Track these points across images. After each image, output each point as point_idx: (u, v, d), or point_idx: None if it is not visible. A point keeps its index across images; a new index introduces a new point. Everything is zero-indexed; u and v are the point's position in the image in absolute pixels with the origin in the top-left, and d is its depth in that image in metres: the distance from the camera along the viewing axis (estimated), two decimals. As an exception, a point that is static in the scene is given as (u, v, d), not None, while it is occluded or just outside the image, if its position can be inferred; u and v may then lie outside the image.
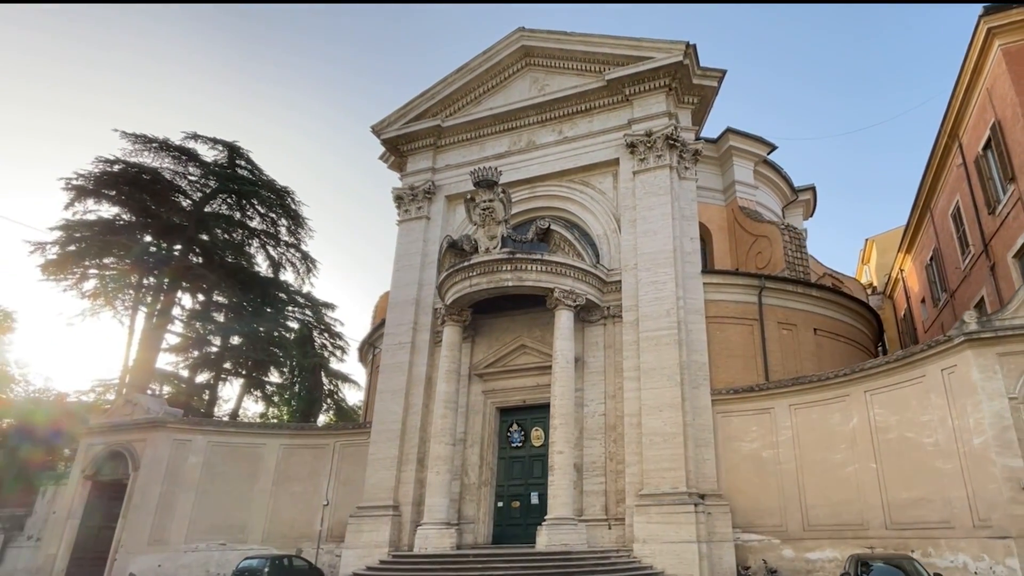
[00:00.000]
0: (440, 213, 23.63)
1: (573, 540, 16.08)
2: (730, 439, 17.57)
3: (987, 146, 17.89)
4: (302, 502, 21.48)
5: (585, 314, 19.66)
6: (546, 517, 16.55)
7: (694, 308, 18.88)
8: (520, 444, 19.63)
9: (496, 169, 19.84)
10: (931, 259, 23.23)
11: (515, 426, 19.81)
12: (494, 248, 19.16)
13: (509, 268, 18.69)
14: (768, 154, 24.06)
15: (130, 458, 21.26)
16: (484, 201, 19.62)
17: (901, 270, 27.55)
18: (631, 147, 20.77)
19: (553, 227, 19.70)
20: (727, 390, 17.96)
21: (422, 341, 21.52)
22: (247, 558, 18.26)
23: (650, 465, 16.80)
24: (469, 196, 20.29)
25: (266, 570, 17.45)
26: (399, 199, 24.26)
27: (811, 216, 27.95)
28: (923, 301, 24.44)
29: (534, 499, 18.64)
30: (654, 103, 21.25)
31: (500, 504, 19.12)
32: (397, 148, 25.12)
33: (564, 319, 18.60)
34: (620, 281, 19.57)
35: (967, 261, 19.83)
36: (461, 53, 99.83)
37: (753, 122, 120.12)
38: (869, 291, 32.12)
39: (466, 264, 19.10)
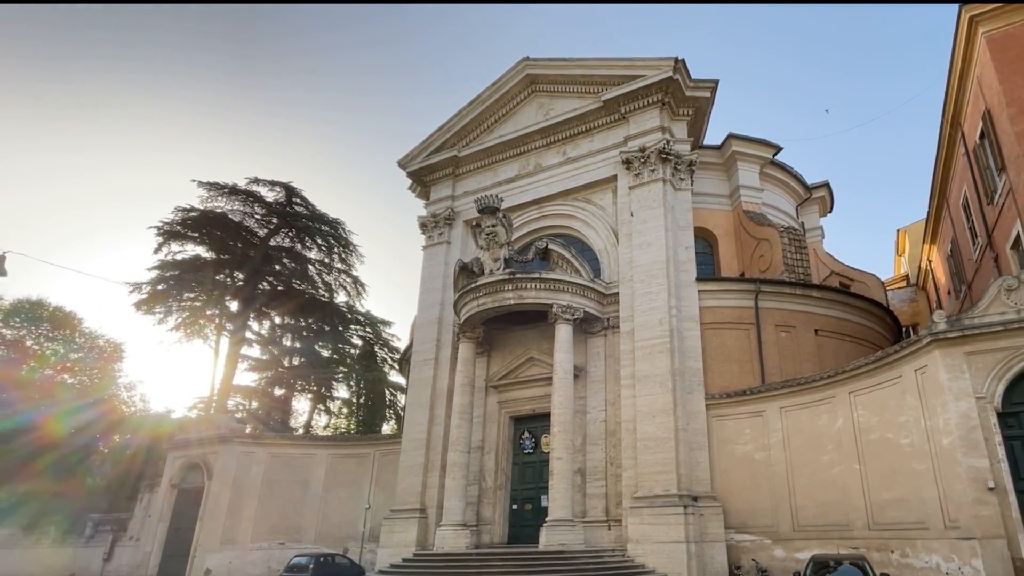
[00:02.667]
0: (459, 237, 25.51)
1: (570, 540, 17.31)
2: (724, 442, 18.14)
3: (982, 135, 17.40)
4: (348, 506, 23.98)
5: (587, 326, 20.80)
6: (546, 519, 17.90)
7: (689, 316, 19.55)
8: (532, 450, 21.05)
9: (497, 196, 21.42)
10: (950, 250, 22.30)
11: (526, 434, 21.27)
12: (497, 269, 20.73)
13: (510, 288, 20.19)
14: (774, 155, 24.00)
15: (205, 469, 24.66)
16: (488, 226, 21.24)
17: (929, 261, 26.29)
18: (627, 163, 21.69)
19: (551, 246, 20.97)
20: (721, 394, 18.53)
21: (444, 357, 23.42)
22: (296, 556, 20.86)
23: (644, 469, 17.72)
24: (475, 222, 22.02)
25: (311, 567, 19.90)
26: (423, 226, 26.40)
27: (829, 212, 27.26)
28: (949, 293, 23.41)
29: (544, 502, 19.93)
30: (648, 119, 22.05)
31: (514, 507, 20.64)
32: (421, 179, 27.30)
33: (563, 332, 19.85)
34: (618, 293, 20.56)
35: (977, 252, 19.14)
36: (470, 63, 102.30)
37: (769, 122, 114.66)
38: (903, 283, 30.64)
39: (473, 286, 20.81)
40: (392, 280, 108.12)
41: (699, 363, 18.98)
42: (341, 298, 38.19)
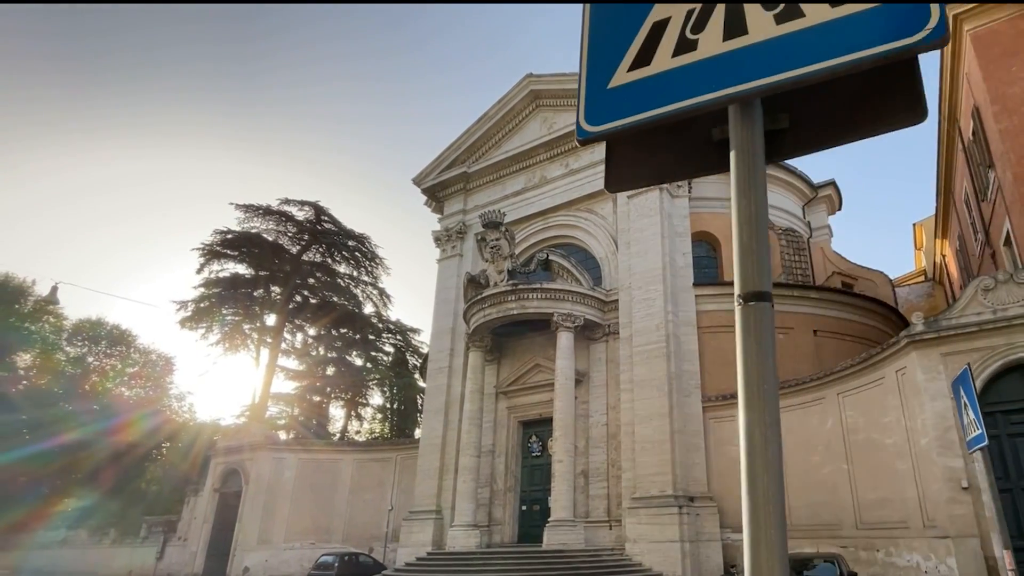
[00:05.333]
0: (471, 250, 26.55)
1: (571, 540, 18.09)
2: (721, 443, 18.54)
3: (974, 132, 17.30)
4: (372, 508, 25.36)
5: (588, 332, 21.51)
6: (549, 519, 18.73)
7: (686, 320, 20.05)
8: (539, 453, 21.88)
9: (500, 211, 22.43)
10: (959, 245, 21.90)
11: (534, 437, 22.11)
12: (501, 281, 21.68)
13: (514, 298, 21.13)
14: (775, 157, 24.07)
15: (242, 474, 26.51)
16: (492, 240, 22.24)
17: (943, 256, 25.68)
18: (625, 173, 22.28)
19: (551, 257, 21.81)
20: (717, 396, 18.94)
21: (457, 365, 24.52)
22: (323, 555, 22.35)
23: (641, 470, 18.36)
24: (479, 236, 23.06)
25: (336, 565, 21.34)
26: (437, 240, 27.64)
27: (838, 210, 26.85)
28: (961, 288, 22.90)
29: (550, 503, 20.77)
30: (644, 129, 22.57)
31: (524, 508, 21.51)
32: (435, 195, 28.55)
33: (564, 340, 20.65)
34: (618, 300, 21.21)
35: (978, 248, 18.93)
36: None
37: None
38: (922, 278, 29.84)
39: (479, 297, 21.86)
40: (418, 288, 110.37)
41: (696, 366, 19.45)
42: (369, 309, 40.01)
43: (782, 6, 1.24)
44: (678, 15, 1.35)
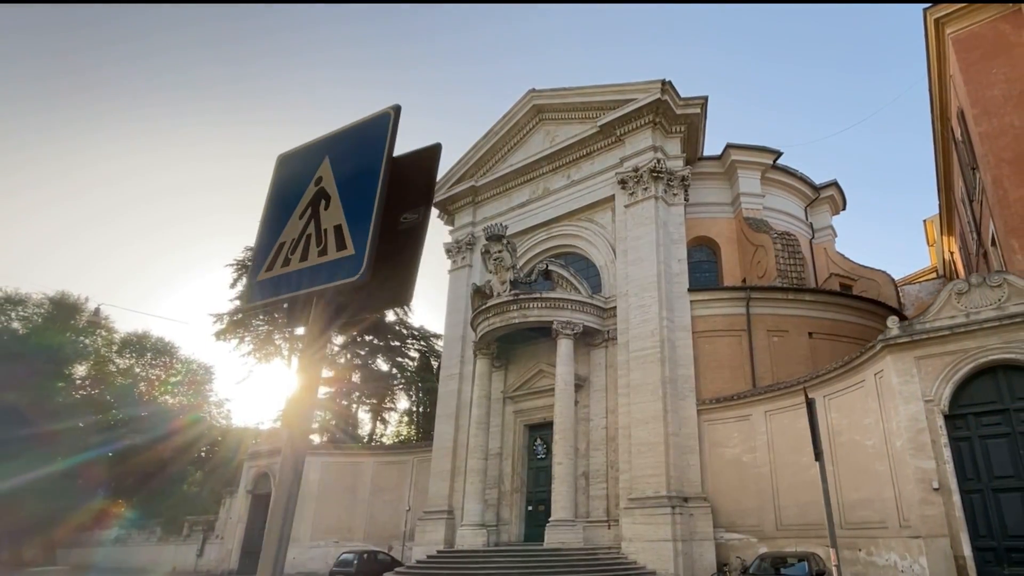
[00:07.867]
0: (479, 260, 27.51)
1: (570, 539, 18.91)
2: (715, 445, 19.06)
3: (961, 134, 17.37)
4: (391, 508, 26.66)
5: (588, 338, 22.24)
6: (549, 519, 19.58)
7: (681, 325, 20.59)
8: (544, 456, 22.72)
9: (502, 224, 23.40)
10: (961, 243, 21.67)
11: (539, 440, 22.96)
12: (504, 291, 22.63)
13: (516, 308, 22.04)
14: (775, 161, 24.20)
15: (272, 477, 28.18)
16: (495, 252, 23.23)
17: (951, 252, 25.27)
18: (622, 183, 22.96)
19: (551, 267, 22.63)
20: (711, 400, 19.44)
21: (467, 372, 25.56)
22: (344, 552, 23.71)
23: (637, 472, 19.03)
24: (484, 249, 24.05)
25: (356, 562, 22.66)
26: (448, 251, 28.75)
27: (842, 210, 26.68)
28: (963, 288, 22.62)
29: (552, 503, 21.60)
30: (641, 139, 23.19)
31: (530, 508, 22.39)
32: (446, 208, 29.69)
33: (564, 346, 21.45)
34: (616, 307, 21.88)
35: (974, 247, 18.87)
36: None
37: (787, 126, 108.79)
38: (933, 275, 29.27)
39: (484, 307, 22.86)
40: (442, 294, 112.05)
41: (691, 370, 19.98)
42: (391, 317, 41.52)
43: (321, 246, 2.15)
44: (289, 241, 2.27)
